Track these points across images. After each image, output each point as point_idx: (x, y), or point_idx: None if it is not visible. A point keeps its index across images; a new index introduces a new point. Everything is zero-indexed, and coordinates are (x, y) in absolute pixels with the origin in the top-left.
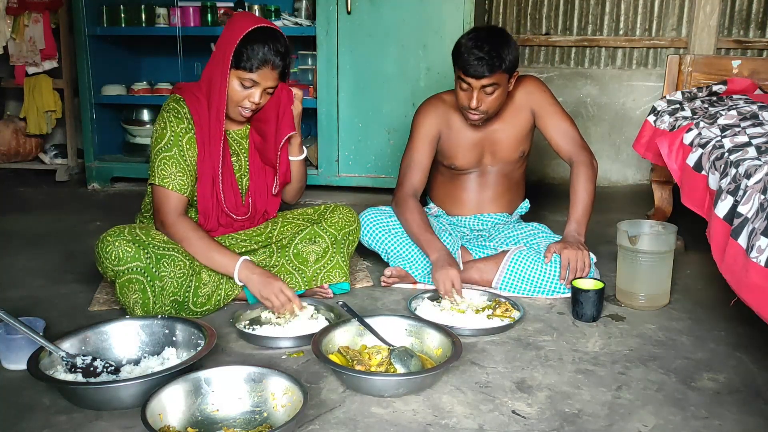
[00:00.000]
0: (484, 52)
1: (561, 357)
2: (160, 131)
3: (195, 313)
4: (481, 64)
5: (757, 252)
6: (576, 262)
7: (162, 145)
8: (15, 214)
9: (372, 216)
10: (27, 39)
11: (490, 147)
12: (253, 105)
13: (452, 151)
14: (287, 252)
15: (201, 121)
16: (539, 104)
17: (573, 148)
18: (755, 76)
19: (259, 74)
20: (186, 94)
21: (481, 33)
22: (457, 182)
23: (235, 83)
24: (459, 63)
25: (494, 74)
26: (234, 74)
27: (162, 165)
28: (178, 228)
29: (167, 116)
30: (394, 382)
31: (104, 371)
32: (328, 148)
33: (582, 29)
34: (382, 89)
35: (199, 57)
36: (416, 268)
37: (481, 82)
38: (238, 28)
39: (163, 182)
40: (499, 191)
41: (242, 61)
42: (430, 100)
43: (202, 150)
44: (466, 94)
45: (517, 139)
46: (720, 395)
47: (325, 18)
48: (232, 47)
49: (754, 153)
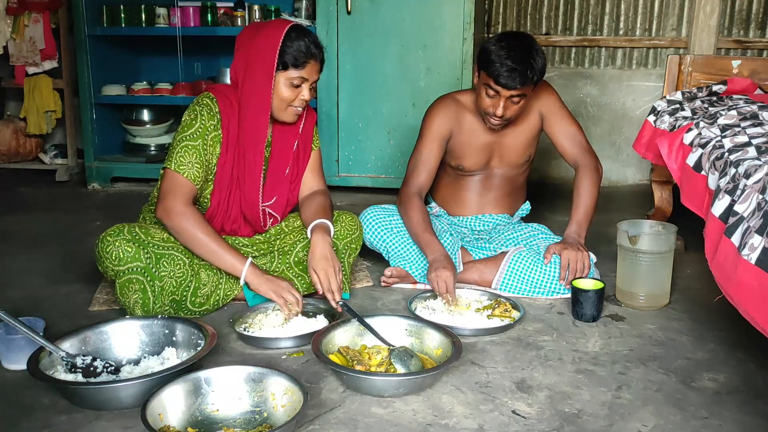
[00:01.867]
0: (517, 63)
1: (561, 357)
2: (190, 121)
3: (194, 313)
4: (514, 76)
5: (749, 249)
6: (576, 263)
7: (188, 134)
8: (15, 214)
9: (374, 214)
10: (27, 39)
11: (498, 150)
12: (304, 102)
13: (461, 152)
14: (288, 259)
15: (229, 125)
16: (548, 108)
17: (579, 152)
18: (755, 76)
19: (307, 70)
20: (219, 96)
21: (513, 42)
22: (461, 183)
23: (282, 85)
24: (489, 71)
25: (525, 86)
26: (281, 76)
27: (182, 152)
28: (187, 218)
29: (199, 109)
30: (394, 382)
31: (104, 371)
32: (328, 148)
33: (582, 29)
34: (382, 89)
35: (199, 57)
36: (416, 268)
37: (511, 92)
38: (273, 31)
39: (179, 168)
40: (502, 193)
41: (289, 60)
42: (444, 100)
43: (224, 153)
44: (492, 101)
45: (525, 143)
46: (720, 395)
47: (325, 18)
48: (274, 51)
49: (754, 153)
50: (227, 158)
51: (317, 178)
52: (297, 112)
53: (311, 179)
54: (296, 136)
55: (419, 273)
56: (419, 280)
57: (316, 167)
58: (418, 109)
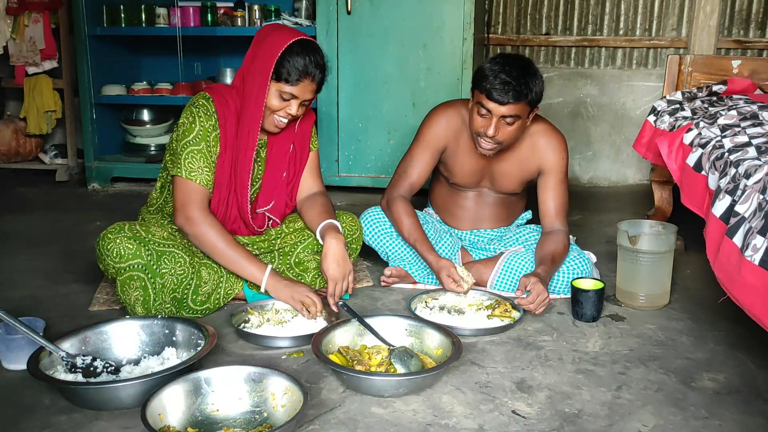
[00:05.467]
0: (511, 78)
1: (561, 357)
2: (189, 125)
3: (195, 312)
4: (506, 89)
5: (752, 251)
6: (536, 296)
7: (190, 138)
8: (15, 214)
9: (373, 215)
10: (27, 39)
11: (490, 176)
12: (290, 116)
13: (453, 168)
14: (289, 260)
15: (226, 124)
16: (551, 166)
17: (559, 220)
18: (755, 76)
19: (299, 87)
20: (215, 95)
21: (509, 59)
22: (455, 196)
23: (274, 95)
24: (481, 86)
25: (519, 103)
26: (274, 86)
27: (190, 158)
28: (208, 227)
29: (196, 111)
30: (394, 382)
31: (104, 371)
32: (328, 148)
33: (582, 29)
34: (382, 89)
35: (199, 57)
36: (416, 268)
37: (503, 109)
38: (277, 40)
39: (190, 176)
40: (497, 210)
41: (283, 73)
42: (447, 109)
43: (223, 153)
44: (484, 121)
45: (519, 180)
46: (720, 395)
47: (325, 18)
48: (272, 59)
49: (754, 153)
50: (225, 158)
51: (316, 180)
52: (279, 123)
53: (310, 181)
54: (292, 137)
55: (419, 273)
56: (419, 280)
57: (314, 169)
58: (418, 109)
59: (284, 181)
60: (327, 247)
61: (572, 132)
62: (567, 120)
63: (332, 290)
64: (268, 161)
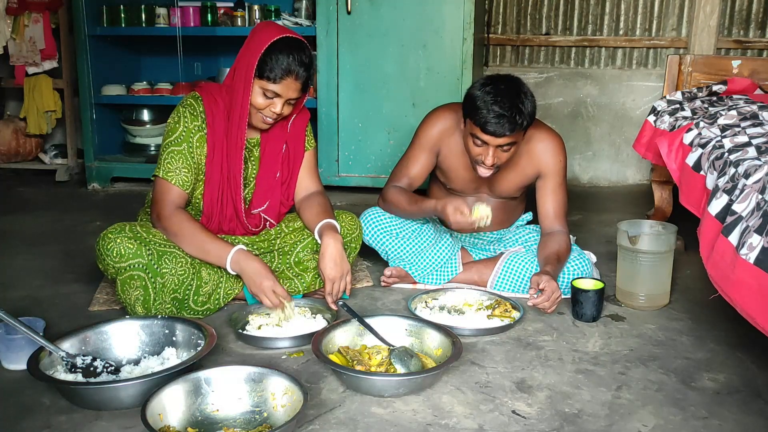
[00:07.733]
0: (504, 109)
1: (561, 357)
2: (173, 125)
3: (196, 312)
4: (502, 123)
5: (748, 249)
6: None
7: (172, 139)
8: (15, 214)
9: (373, 215)
10: (27, 39)
11: (488, 183)
12: (275, 114)
13: (449, 174)
14: (288, 259)
15: (214, 122)
16: (549, 170)
17: (559, 222)
18: (755, 76)
19: (282, 85)
20: (204, 94)
21: (499, 86)
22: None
23: (257, 92)
24: (475, 118)
25: (515, 133)
26: (257, 83)
27: (169, 158)
28: (174, 220)
29: (183, 111)
30: (394, 382)
31: (104, 371)
32: (328, 148)
33: (582, 29)
34: (382, 89)
35: (199, 57)
36: (416, 268)
37: (500, 140)
38: (263, 37)
39: (167, 175)
40: (496, 214)
41: (266, 71)
42: (443, 113)
43: (211, 152)
44: (480, 149)
45: (518, 185)
46: (720, 395)
47: (325, 18)
48: (256, 56)
49: (754, 153)
50: (215, 157)
51: (313, 179)
52: (266, 121)
53: (307, 180)
54: (285, 136)
55: (419, 273)
56: (419, 280)
57: (311, 168)
58: (418, 109)
59: (278, 181)
60: (324, 246)
61: (572, 132)
62: (567, 120)
63: (329, 290)
64: (262, 161)
